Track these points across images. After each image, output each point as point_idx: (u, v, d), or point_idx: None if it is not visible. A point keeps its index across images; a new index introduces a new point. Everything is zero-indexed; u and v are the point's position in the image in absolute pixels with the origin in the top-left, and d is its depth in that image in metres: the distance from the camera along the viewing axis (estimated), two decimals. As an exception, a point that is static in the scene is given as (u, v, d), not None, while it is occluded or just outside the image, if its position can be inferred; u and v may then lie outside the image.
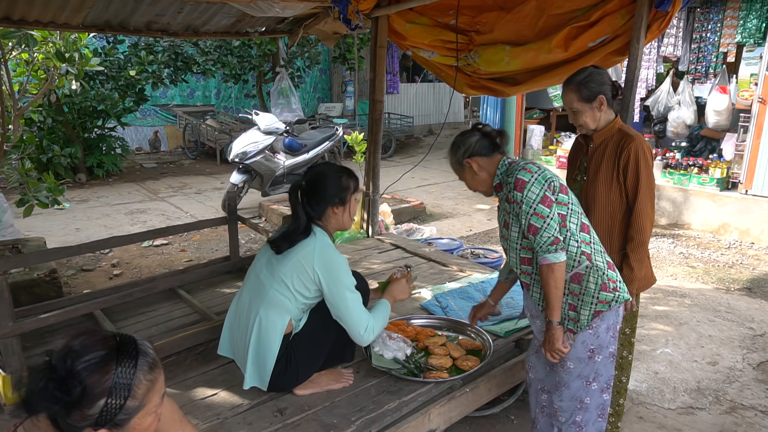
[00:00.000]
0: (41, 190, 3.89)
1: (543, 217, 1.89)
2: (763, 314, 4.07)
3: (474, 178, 2.10)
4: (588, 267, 1.94)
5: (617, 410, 2.51)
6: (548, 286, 1.93)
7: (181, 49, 8.99)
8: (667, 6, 2.57)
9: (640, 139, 2.18)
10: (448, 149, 2.15)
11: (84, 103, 8.04)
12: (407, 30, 3.76)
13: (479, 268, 3.80)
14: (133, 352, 1.18)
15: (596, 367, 2.04)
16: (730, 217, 5.84)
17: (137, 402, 1.16)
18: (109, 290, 3.39)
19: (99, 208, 7.10)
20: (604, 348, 2.02)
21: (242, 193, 6.68)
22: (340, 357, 2.37)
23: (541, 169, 1.97)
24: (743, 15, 5.54)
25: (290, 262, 2.10)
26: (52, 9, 3.46)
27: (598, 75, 2.20)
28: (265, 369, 2.13)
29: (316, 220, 2.19)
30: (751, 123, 5.58)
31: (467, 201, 7.67)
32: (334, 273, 2.10)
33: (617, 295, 1.97)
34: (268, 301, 2.12)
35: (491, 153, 2.08)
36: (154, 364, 1.21)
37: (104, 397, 1.11)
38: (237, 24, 4.33)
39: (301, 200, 2.17)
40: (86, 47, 5.15)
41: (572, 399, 2.08)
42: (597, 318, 1.97)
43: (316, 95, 13.89)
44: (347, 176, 2.24)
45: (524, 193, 1.91)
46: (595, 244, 2.00)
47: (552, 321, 1.98)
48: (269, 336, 2.11)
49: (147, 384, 1.17)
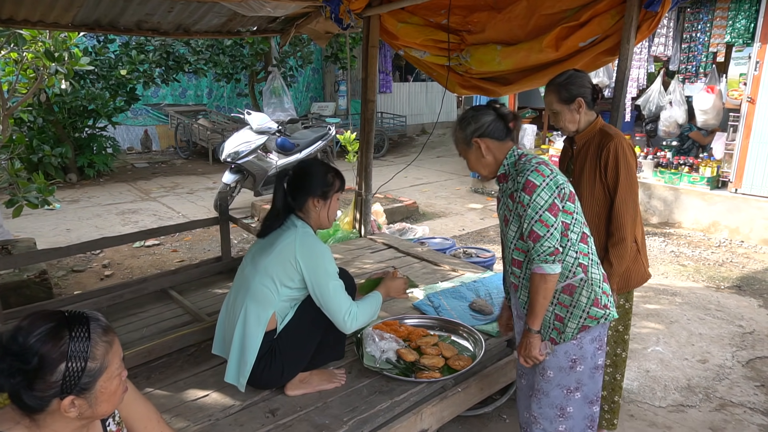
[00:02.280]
0: (31, 191, 3.86)
1: (547, 226, 1.81)
2: (752, 312, 4.10)
3: (479, 160, 1.98)
4: (582, 280, 1.89)
5: (612, 407, 2.53)
6: (536, 294, 1.87)
7: (173, 48, 8.94)
8: (656, 6, 2.59)
9: (619, 138, 2.19)
10: (456, 122, 2.01)
11: (74, 102, 7.99)
12: (399, 29, 3.76)
13: (471, 267, 3.80)
14: (83, 319, 1.20)
15: (577, 376, 1.99)
16: (720, 215, 5.89)
17: (98, 363, 1.17)
18: (100, 291, 3.37)
19: (90, 209, 7.06)
20: (587, 359, 1.98)
21: (234, 193, 6.66)
22: (329, 355, 2.37)
23: (554, 172, 1.87)
24: (732, 15, 5.59)
25: (273, 254, 2.12)
26: (40, 8, 3.43)
27: (578, 78, 2.22)
28: (246, 364, 2.12)
29: (297, 211, 2.22)
30: (741, 122, 5.63)
31: (460, 200, 7.68)
32: (315, 260, 2.11)
33: (607, 312, 1.92)
34: (252, 294, 2.13)
35: (503, 138, 1.95)
36: (108, 328, 1.23)
37: (63, 361, 1.13)
38: (228, 23, 4.31)
39: (285, 188, 2.20)
40: (76, 46, 5.11)
41: (551, 407, 2.04)
42: (583, 331, 1.93)
43: (309, 94, 13.86)
44: (334, 174, 2.26)
45: (533, 197, 1.82)
46: (592, 254, 1.94)
47: (531, 329, 1.92)
48: (252, 329, 2.11)
49: (104, 345, 1.19)
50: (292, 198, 2.20)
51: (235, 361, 2.16)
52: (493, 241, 5.79)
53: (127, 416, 1.46)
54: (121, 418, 1.44)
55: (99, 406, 1.21)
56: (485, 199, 7.77)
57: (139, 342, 2.71)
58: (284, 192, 2.20)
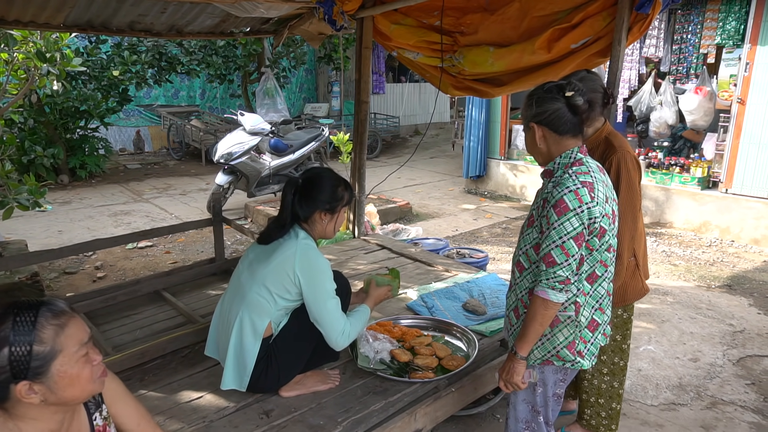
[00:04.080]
0: (22, 192, 3.83)
1: (567, 255, 1.68)
2: (742, 311, 4.14)
3: (533, 145, 1.85)
4: (570, 318, 1.79)
5: (611, 413, 2.48)
6: (533, 320, 1.75)
7: (166, 49, 8.91)
8: (647, 8, 2.61)
9: (623, 151, 2.11)
10: (526, 97, 1.85)
11: (66, 103, 7.94)
12: (392, 31, 3.77)
13: (465, 268, 3.82)
14: (34, 304, 1.21)
15: (536, 399, 1.97)
16: (711, 215, 5.94)
17: (47, 346, 1.17)
18: (93, 293, 3.36)
19: (82, 210, 7.02)
20: (548, 386, 1.94)
21: (228, 194, 6.64)
22: (325, 356, 2.37)
23: (594, 200, 1.69)
24: (722, 17, 5.64)
25: (271, 265, 2.10)
26: (32, 9, 3.41)
27: (590, 80, 2.08)
28: (245, 371, 2.12)
29: (301, 222, 2.19)
30: (731, 123, 5.68)
31: (453, 201, 7.70)
32: (315, 277, 2.09)
33: (576, 360, 1.82)
34: (248, 303, 2.12)
35: (565, 133, 1.77)
36: (61, 312, 1.23)
37: (6, 346, 1.14)
38: (221, 24, 4.31)
39: (293, 197, 2.16)
40: (68, 47, 5.08)
41: (517, 420, 2.03)
42: (547, 365, 1.88)
43: (302, 95, 13.85)
44: (344, 187, 2.23)
45: (561, 219, 1.67)
46: (590, 297, 1.82)
47: (517, 354, 1.83)
48: (248, 339, 2.11)
49: (53, 328, 1.19)
50: (299, 207, 2.16)
51: (231, 368, 2.15)
52: (486, 241, 5.81)
53: (117, 413, 1.45)
54: (109, 414, 1.43)
55: (63, 390, 1.20)
56: (478, 199, 7.80)
57: (133, 344, 2.70)
58: (292, 201, 2.16)
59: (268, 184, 6.77)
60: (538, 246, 1.78)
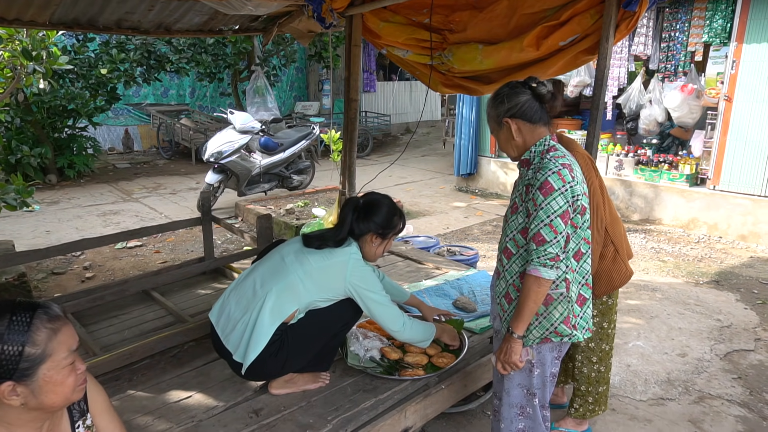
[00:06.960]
0: (9, 192, 3.79)
1: (556, 232, 1.76)
2: (729, 306, 4.19)
3: (509, 141, 1.93)
4: (562, 295, 1.86)
5: (597, 397, 2.56)
6: (527, 298, 1.82)
7: (154, 47, 8.84)
8: (634, 6, 2.62)
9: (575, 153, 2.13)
10: (490, 99, 1.94)
11: (53, 102, 7.86)
12: (381, 29, 3.76)
13: (455, 265, 3.83)
14: (30, 305, 1.20)
15: (534, 380, 2.01)
16: (699, 212, 5.99)
17: (39, 349, 1.17)
18: (81, 293, 3.33)
19: (70, 210, 6.96)
20: (545, 365, 2.00)
21: (218, 193, 6.61)
22: (317, 365, 2.35)
23: (575, 180, 1.80)
24: (709, 15, 5.69)
25: (323, 262, 2.17)
26: (16, 6, 3.37)
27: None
28: (255, 346, 2.08)
29: (356, 238, 2.27)
30: (718, 120, 5.73)
31: (444, 199, 7.71)
32: (366, 288, 2.20)
33: (573, 333, 1.91)
34: (287, 284, 2.13)
35: (537, 121, 1.88)
36: (56, 317, 1.22)
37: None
38: (210, 22, 4.28)
39: (353, 215, 2.26)
40: (55, 45, 5.03)
41: (511, 406, 2.06)
42: (545, 343, 1.94)
43: (293, 94, 13.81)
44: (399, 217, 2.34)
45: (547, 199, 1.76)
46: (577, 273, 1.90)
47: (514, 333, 1.89)
48: (268, 317, 2.09)
49: (47, 331, 1.18)
50: (357, 224, 2.26)
51: (239, 340, 2.12)
52: (477, 239, 5.83)
53: (99, 426, 1.44)
54: (93, 424, 1.42)
55: (45, 396, 1.19)
56: (469, 197, 7.81)
57: (121, 344, 2.68)
58: (352, 219, 2.25)
59: (258, 182, 6.74)
60: (524, 230, 1.87)
